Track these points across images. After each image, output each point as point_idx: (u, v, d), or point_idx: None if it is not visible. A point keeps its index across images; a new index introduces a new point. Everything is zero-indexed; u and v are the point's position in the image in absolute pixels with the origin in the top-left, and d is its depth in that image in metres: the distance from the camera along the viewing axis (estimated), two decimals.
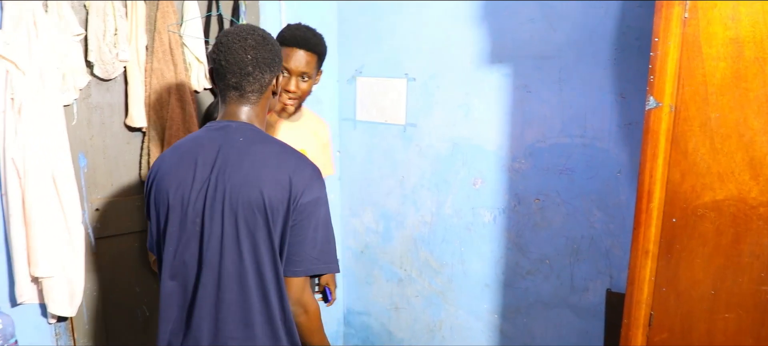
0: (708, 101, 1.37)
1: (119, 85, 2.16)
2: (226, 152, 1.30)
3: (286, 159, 1.33)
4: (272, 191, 1.27)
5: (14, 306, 1.96)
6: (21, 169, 1.82)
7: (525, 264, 2.37)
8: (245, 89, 1.35)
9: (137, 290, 2.33)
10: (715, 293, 1.44)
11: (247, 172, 1.28)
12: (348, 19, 2.80)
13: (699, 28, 1.35)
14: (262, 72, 1.35)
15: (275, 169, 1.29)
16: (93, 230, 2.16)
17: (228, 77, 1.33)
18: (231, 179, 1.28)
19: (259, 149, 1.32)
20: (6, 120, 1.81)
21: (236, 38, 1.32)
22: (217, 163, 1.30)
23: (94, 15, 2.01)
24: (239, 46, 1.31)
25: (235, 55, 1.31)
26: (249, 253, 1.29)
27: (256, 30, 1.37)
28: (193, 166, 1.31)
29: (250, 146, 1.31)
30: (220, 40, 1.34)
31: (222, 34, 1.36)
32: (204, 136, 1.36)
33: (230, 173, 1.28)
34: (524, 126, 2.28)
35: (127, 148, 2.23)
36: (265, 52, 1.34)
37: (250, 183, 1.27)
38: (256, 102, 1.38)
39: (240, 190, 1.27)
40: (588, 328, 2.23)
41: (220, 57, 1.33)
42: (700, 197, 1.42)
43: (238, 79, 1.33)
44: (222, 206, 1.28)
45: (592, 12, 2.05)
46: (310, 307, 1.39)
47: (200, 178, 1.30)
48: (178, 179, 1.32)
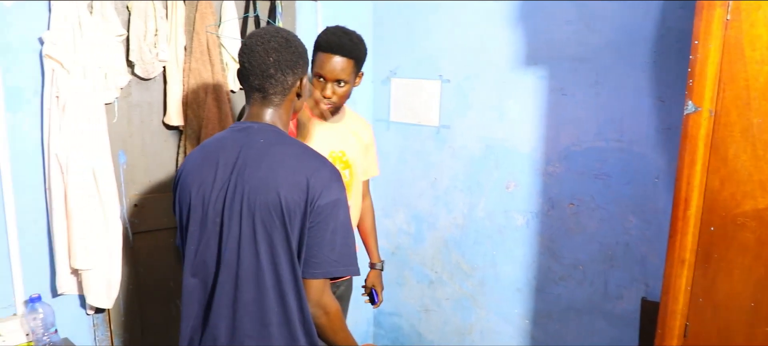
0: (750, 106, 1.32)
1: (158, 84, 2.22)
2: (247, 153, 1.31)
3: (304, 161, 1.32)
4: (289, 193, 1.26)
5: (55, 297, 2.03)
6: (64, 164, 1.88)
7: (558, 269, 2.33)
8: (268, 91, 1.35)
9: (172, 285, 2.38)
10: (755, 306, 1.39)
11: (265, 173, 1.28)
12: (383, 20, 2.81)
13: (742, 31, 1.30)
14: (285, 74, 1.34)
15: (293, 170, 1.29)
16: (130, 225, 2.22)
17: (251, 79, 1.34)
18: (249, 180, 1.28)
19: (278, 151, 1.31)
20: (51, 117, 1.88)
21: (259, 40, 1.33)
22: (237, 164, 1.31)
23: (136, 16, 2.06)
24: (262, 49, 1.32)
25: (257, 58, 1.32)
26: (266, 253, 1.29)
27: (280, 32, 1.36)
28: (215, 167, 1.33)
29: (270, 148, 1.31)
30: (245, 43, 1.36)
31: (247, 37, 1.37)
32: (228, 136, 1.37)
33: (249, 174, 1.29)
34: (559, 129, 2.24)
35: (165, 146, 2.29)
36: (288, 55, 1.34)
37: (268, 185, 1.27)
38: (279, 104, 1.38)
39: (258, 191, 1.27)
40: (621, 336, 2.18)
41: (244, 59, 1.34)
42: (740, 205, 1.37)
43: (261, 82, 1.33)
44: (240, 206, 1.28)
45: (630, 13, 2.00)
46: (330, 308, 1.38)
47: (221, 178, 1.31)
48: (201, 178, 1.33)
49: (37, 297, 1.89)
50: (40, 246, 2.00)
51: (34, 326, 1.88)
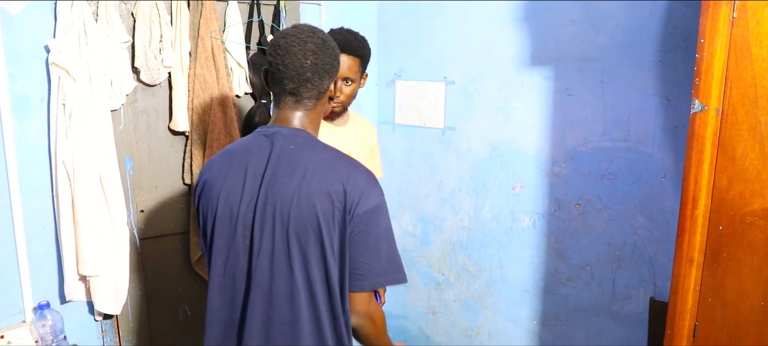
0: (758, 104, 1.31)
1: (164, 90, 2.22)
2: (277, 162, 1.23)
3: (338, 167, 1.23)
4: (325, 204, 1.18)
5: (63, 303, 2.04)
6: (71, 171, 1.89)
7: (565, 270, 2.32)
8: (303, 95, 1.27)
9: (179, 290, 2.39)
10: (764, 305, 1.38)
11: (298, 184, 1.19)
12: (388, 22, 2.81)
13: (748, 29, 1.29)
14: (321, 78, 1.26)
15: (328, 179, 1.20)
16: (138, 231, 2.22)
17: (285, 82, 1.25)
18: (281, 192, 1.20)
19: (310, 158, 1.23)
20: (57, 124, 1.89)
21: (295, 41, 1.24)
22: (266, 174, 1.22)
23: (140, 22, 2.07)
24: (299, 50, 1.23)
25: (293, 60, 1.23)
26: (300, 271, 1.21)
27: (316, 32, 1.28)
28: (243, 176, 1.24)
29: (301, 155, 1.23)
30: (278, 43, 1.25)
31: (279, 36, 1.27)
32: (254, 142, 1.28)
33: (281, 186, 1.20)
34: (565, 130, 2.23)
35: (171, 152, 2.29)
36: (325, 57, 1.26)
37: (302, 196, 1.18)
38: (313, 108, 1.30)
39: (291, 204, 1.19)
40: (630, 337, 2.17)
41: (277, 60, 1.24)
42: (748, 204, 1.36)
43: (296, 85, 1.25)
44: (272, 220, 1.20)
45: (636, 12, 1.99)
46: (376, 318, 1.32)
47: (250, 189, 1.23)
48: (227, 189, 1.25)
49: (45, 304, 1.90)
50: (49, 253, 2.01)
51: (43, 332, 1.89)
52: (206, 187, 1.30)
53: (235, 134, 2.26)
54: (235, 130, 2.26)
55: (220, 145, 2.20)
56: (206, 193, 1.29)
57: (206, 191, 1.30)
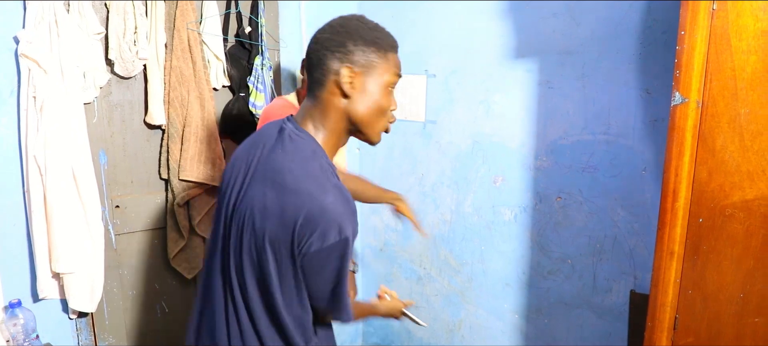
0: (737, 96, 1.31)
1: (139, 83, 2.18)
2: (261, 164, 1.14)
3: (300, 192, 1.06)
4: (276, 230, 1.07)
5: (36, 302, 1.99)
6: (42, 166, 1.84)
7: (546, 263, 2.32)
8: (312, 79, 1.18)
9: (156, 286, 2.34)
10: (744, 297, 1.39)
11: (262, 195, 1.09)
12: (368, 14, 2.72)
13: (728, 21, 1.29)
14: (324, 55, 1.15)
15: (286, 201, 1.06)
16: (113, 227, 2.17)
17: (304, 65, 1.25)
18: (252, 196, 1.11)
19: (283, 169, 1.09)
20: (28, 118, 1.83)
21: (325, 26, 1.19)
22: (249, 172, 1.15)
23: (114, 14, 2.02)
24: (320, 32, 1.19)
25: (313, 41, 1.18)
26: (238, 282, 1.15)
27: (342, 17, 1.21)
28: (238, 170, 1.19)
29: (281, 164, 1.10)
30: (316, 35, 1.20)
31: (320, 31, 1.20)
32: (263, 131, 1.22)
33: (253, 190, 1.11)
34: (546, 123, 2.23)
35: (147, 146, 2.24)
36: (334, 35, 1.16)
37: (261, 210, 1.08)
38: (319, 97, 1.17)
39: (253, 211, 1.09)
40: (611, 329, 2.18)
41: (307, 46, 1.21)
42: (728, 196, 1.36)
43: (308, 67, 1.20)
44: (238, 225, 1.13)
45: (616, 5, 1.99)
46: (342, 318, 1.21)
47: (238, 186, 1.16)
48: (229, 176, 1.21)
49: (17, 302, 1.84)
50: (20, 250, 1.95)
51: (14, 332, 1.83)
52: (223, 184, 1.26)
53: (213, 128, 2.21)
54: (213, 123, 2.22)
55: (198, 139, 2.16)
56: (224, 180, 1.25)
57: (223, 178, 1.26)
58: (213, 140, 2.21)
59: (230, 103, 2.39)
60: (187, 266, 2.30)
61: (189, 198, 2.19)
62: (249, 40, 2.38)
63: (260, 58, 2.36)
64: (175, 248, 2.25)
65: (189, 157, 2.15)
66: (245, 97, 2.38)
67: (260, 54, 2.37)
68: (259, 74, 2.35)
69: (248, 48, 2.40)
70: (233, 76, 2.36)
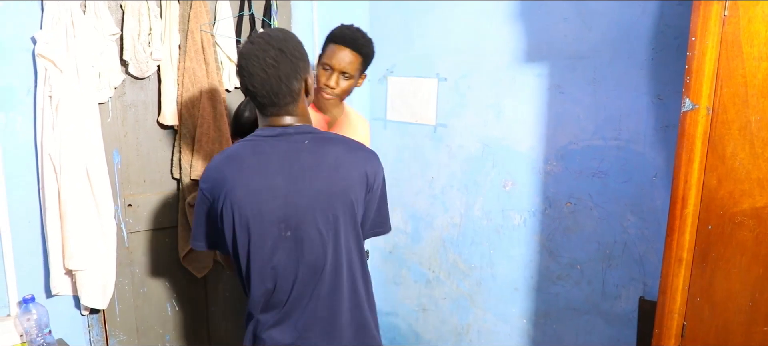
0: (748, 103, 1.31)
1: (153, 83, 2.20)
2: (299, 159, 1.36)
3: (355, 154, 1.43)
4: (356, 188, 1.40)
5: (49, 297, 2.02)
6: (57, 164, 1.87)
7: (555, 269, 2.31)
8: (280, 103, 1.38)
9: (167, 285, 2.37)
10: (752, 305, 1.38)
11: (329, 174, 1.36)
12: (380, 18, 2.79)
13: (739, 27, 1.29)
14: (290, 84, 1.36)
15: (351, 166, 1.40)
16: (125, 225, 2.20)
17: (259, 98, 1.37)
18: (314, 184, 1.35)
19: (331, 151, 1.39)
20: (44, 116, 1.86)
21: (254, 60, 1.33)
22: (293, 171, 1.35)
23: (129, 15, 2.05)
24: (259, 69, 1.33)
25: (258, 80, 1.33)
26: (342, 248, 1.40)
27: (272, 42, 1.34)
28: (266, 176, 1.35)
29: (320, 148, 1.38)
30: (241, 64, 1.36)
31: (241, 57, 1.37)
32: (263, 144, 1.39)
33: (311, 181, 1.35)
34: (556, 127, 2.23)
35: (160, 146, 2.27)
36: (286, 66, 1.34)
37: (335, 183, 1.36)
38: (295, 106, 1.41)
39: (325, 192, 1.36)
40: (619, 336, 2.17)
41: (245, 82, 1.36)
42: (738, 203, 1.36)
43: (270, 98, 1.36)
44: (310, 210, 1.35)
45: (628, 10, 1.98)
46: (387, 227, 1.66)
47: (281, 187, 1.35)
48: (252, 190, 1.35)
49: (30, 298, 1.88)
50: (34, 246, 1.98)
51: (27, 326, 1.87)
52: (226, 191, 1.36)
53: (225, 129, 2.23)
54: (225, 124, 2.24)
55: (210, 140, 2.18)
56: (229, 196, 1.36)
57: (228, 193, 1.36)
58: (225, 141, 2.23)
59: (242, 105, 2.41)
60: (198, 265, 2.33)
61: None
62: None
63: None
64: (185, 247, 2.28)
65: (201, 158, 2.17)
66: None
67: None
68: None
69: None
70: None
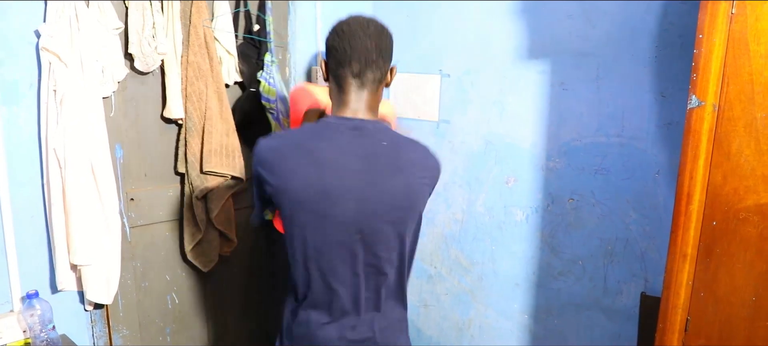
0: (754, 101, 1.32)
1: (155, 77, 2.20)
2: (377, 161, 1.31)
3: (428, 159, 1.38)
4: (425, 192, 1.37)
5: (54, 293, 2.02)
6: (61, 159, 1.86)
7: (557, 265, 2.32)
8: (367, 77, 1.32)
9: (168, 278, 2.37)
10: (756, 300, 1.39)
11: (404, 180, 1.32)
12: (383, 14, 2.78)
13: (746, 25, 1.29)
14: (385, 60, 1.33)
15: (424, 171, 1.35)
16: (128, 220, 2.20)
17: (352, 64, 1.29)
18: (390, 190, 1.31)
19: (406, 154, 1.34)
20: (48, 111, 1.85)
21: (358, 26, 1.30)
22: (371, 173, 1.30)
23: (133, 9, 2.04)
24: (363, 34, 1.28)
25: (359, 42, 1.28)
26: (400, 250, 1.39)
27: (373, 20, 1.34)
28: (344, 177, 1.29)
29: (397, 151, 1.33)
30: (342, 28, 1.31)
31: (341, 23, 1.32)
32: (339, 138, 1.31)
33: (388, 184, 1.31)
34: (560, 124, 2.23)
35: (161, 140, 2.27)
36: (386, 41, 1.33)
37: (409, 187, 1.33)
38: (375, 91, 1.35)
39: (400, 198, 1.32)
40: (621, 331, 2.18)
41: (344, 43, 1.29)
42: (743, 200, 1.36)
43: (362, 67, 1.30)
44: (380, 211, 1.32)
45: (632, 7, 1.99)
46: None
47: (358, 190, 1.29)
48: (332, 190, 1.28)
49: (34, 293, 1.87)
50: (38, 242, 1.98)
51: (31, 322, 1.86)
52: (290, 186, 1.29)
53: (231, 121, 2.25)
54: (230, 117, 2.26)
55: (219, 133, 2.19)
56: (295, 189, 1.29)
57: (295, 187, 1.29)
58: (232, 133, 2.25)
59: (240, 99, 2.43)
60: (204, 259, 2.33)
61: (207, 191, 2.22)
62: (257, 37, 2.42)
63: (270, 54, 2.41)
64: (192, 241, 2.28)
65: (212, 150, 2.17)
66: (256, 92, 2.42)
67: (269, 51, 2.42)
68: (270, 70, 2.40)
69: (257, 46, 2.44)
70: (244, 73, 2.39)
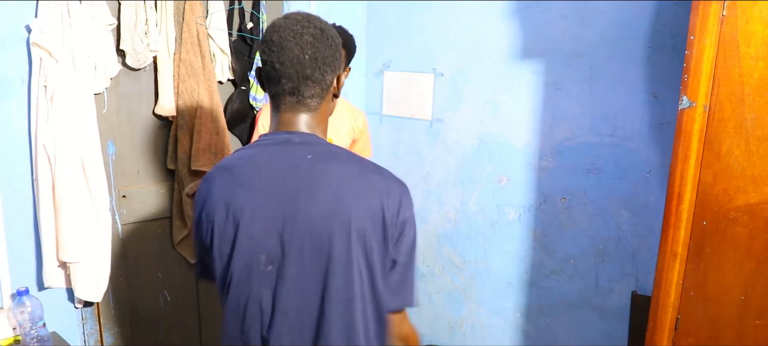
0: (744, 102, 1.33)
1: (147, 74, 2.19)
2: (296, 176, 1.09)
3: (369, 178, 1.12)
4: (363, 224, 1.08)
5: (42, 290, 2.00)
6: (52, 155, 1.85)
7: (549, 264, 2.33)
8: (304, 94, 1.13)
9: (160, 276, 2.36)
10: (745, 300, 1.40)
11: (328, 201, 1.07)
12: (377, 13, 2.79)
13: (737, 27, 1.31)
14: (323, 73, 1.12)
15: (360, 193, 1.09)
16: (119, 217, 2.19)
17: (283, 82, 1.11)
18: (307, 210, 1.07)
19: (336, 171, 1.10)
20: (38, 107, 1.84)
21: (290, 34, 1.09)
22: (287, 191, 1.09)
23: (126, 6, 2.03)
24: (295, 45, 1.08)
25: (289, 55, 1.08)
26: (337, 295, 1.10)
27: (312, 21, 1.12)
28: (255, 194, 1.10)
29: (325, 167, 1.10)
30: (271, 38, 1.10)
31: (271, 30, 1.12)
32: (260, 154, 1.14)
33: (305, 204, 1.08)
34: (553, 124, 2.24)
35: (154, 137, 2.26)
36: (325, 49, 1.11)
37: (333, 214, 1.07)
38: (317, 108, 1.16)
39: (321, 224, 1.07)
40: (612, 330, 2.19)
41: (272, 58, 1.10)
42: (732, 200, 1.38)
43: (296, 84, 1.11)
44: (300, 242, 1.08)
45: (625, 9, 2.00)
46: (411, 338, 1.24)
47: (267, 208, 1.09)
48: (239, 209, 1.10)
49: (24, 290, 1.86)
50: (28, 239, 1.97)
51: (21, 319, 1.85)
52: (210, 207, 1.14)
53: (222, 119, 2.24)
54: (221, 116, 2.25)
55: (208, 131, 2.18)
56: (211, 215, 1.14)
57: (210, 212, 1.14)
58: (222, 132, 2.24)
59: (231, 97, 2.43)
60: (191, 251, 2.34)
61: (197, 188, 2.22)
62: (251, 36, 2.42)
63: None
64: (179, 235, 2.29)
65: (201, 148, 2.17)
66: (246, 91, 2.42)
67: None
68: None
69: (250, 43, 2.43)
70: (236, 70, 2.39)
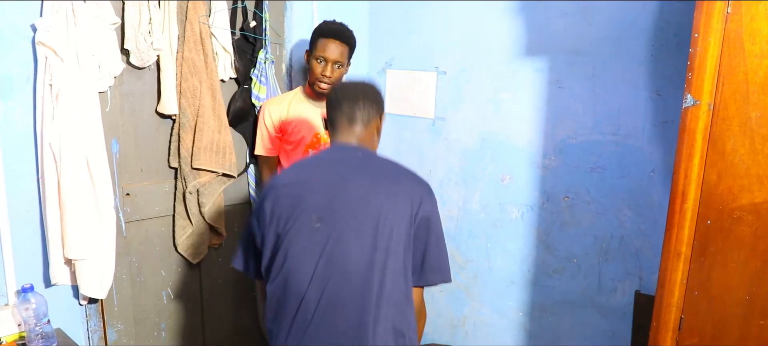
0: (749, 100, 1.32)
1: (151, 73, 2.20)
2: (347, 163, 1.45)
3: (405, 174, 1.48)
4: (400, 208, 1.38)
5: (47, 287, 2.01)
6: (57, 153, 1.86)
7: (552, 262, 2.33)
8: (355, 115, 1.51)
9: (163, 273, 2.37)
10: (750, 299, 1.40)
11: (373, 182, 1.41)
12: (379, 11, 2.79)
13: (742, 24, 1.30)
14: (369, 106, 1.53)
15: (399, 184, 1.43)
16: (123, 214, 2.20)
17: (343, 104, 1.52)
18: (355, 192, 1.39)
19: (380, 162, 1.49)
20: (44, 105, 1.85)
21: (349, 83, 1.60)
22: (339, 170, 1.43)
23: (130, 5, 2.04)
24: (352, 85, 1.57)
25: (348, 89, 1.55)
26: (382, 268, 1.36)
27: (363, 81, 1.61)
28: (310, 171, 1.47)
29: (370, 159, 1.48)
30: (336, 89, 1.57)
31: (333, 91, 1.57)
32: (323, 156, 1.53)
33: (353, 188, 1.40)
34: (555, 122, 2.24)
35: (157, 135, 2.27)
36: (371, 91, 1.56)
37: (379, 195, 1.39)
38: (363, 130, 1.52)
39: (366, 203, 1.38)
40: (615, 329, 2.19)
41: (337, 94, 1.54)
42: (737, 199, 1.37)
43: (351, 106, 1.51)
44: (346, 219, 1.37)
45: (628, 6, 2.00)
46: (423, 311, 1.54)
47: (321, 181, 1.42)
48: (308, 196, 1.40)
49: (29, 287, 1.87)
50: (33, 236, 1.98)
51: (26, 316, 1.86)
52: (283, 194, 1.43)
53: (224, 118, 2.25)
54: (223, 113, 2.26)
55: (211, 129, 2.19)
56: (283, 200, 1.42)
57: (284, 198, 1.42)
58: (224, 130, 2.25)
59: (235, 95, 2.43)
60: (193, 251, 2.34)
61: (200, 186, 2.23)
62: (253, 35, 2.42)
63: (264, 52, 2.41)
64: (182, 234, 2.29)
65: (203, 147, 2.17)
66: (248, 90, 2.42)
67: (263, 48, 2.42)
68: (262, 68, 2.41)
69: (252, 42, 2.44)
70: (239, 69, 2.40)
